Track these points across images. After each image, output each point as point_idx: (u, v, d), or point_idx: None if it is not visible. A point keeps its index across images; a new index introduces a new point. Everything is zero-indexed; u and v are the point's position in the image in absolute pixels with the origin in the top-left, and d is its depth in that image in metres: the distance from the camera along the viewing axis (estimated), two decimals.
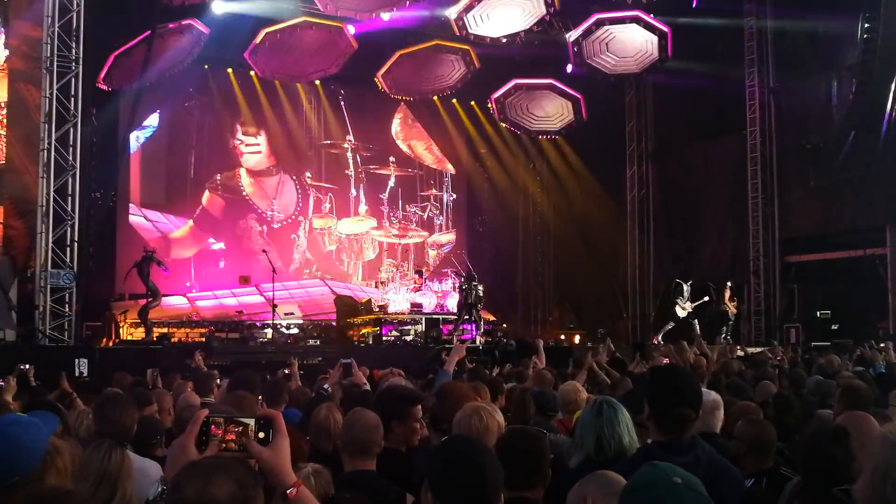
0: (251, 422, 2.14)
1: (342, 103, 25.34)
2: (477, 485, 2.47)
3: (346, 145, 25.67)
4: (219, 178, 23.98)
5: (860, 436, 3.45)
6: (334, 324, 21.31)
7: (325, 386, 7.12)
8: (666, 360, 10.06)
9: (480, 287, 19.12)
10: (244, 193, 24.38)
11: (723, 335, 19.33)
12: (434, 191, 27.20)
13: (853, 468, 3.15)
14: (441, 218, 27.29)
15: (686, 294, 19.97)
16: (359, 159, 25.89)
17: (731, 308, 20.03)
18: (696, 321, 19.75)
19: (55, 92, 15.64)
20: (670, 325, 20.10)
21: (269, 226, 24.48)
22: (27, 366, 8.31)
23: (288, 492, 2.13)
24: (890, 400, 5.99)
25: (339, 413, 4.90)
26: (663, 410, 3.24)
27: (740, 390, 7.18)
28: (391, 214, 26.19)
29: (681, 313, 19.95)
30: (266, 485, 2.04)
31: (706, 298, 19.94)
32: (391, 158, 26.30)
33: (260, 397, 6.14)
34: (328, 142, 25.62)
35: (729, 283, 20.46)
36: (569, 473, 3.79)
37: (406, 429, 4.36)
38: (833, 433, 3.51)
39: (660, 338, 19.66)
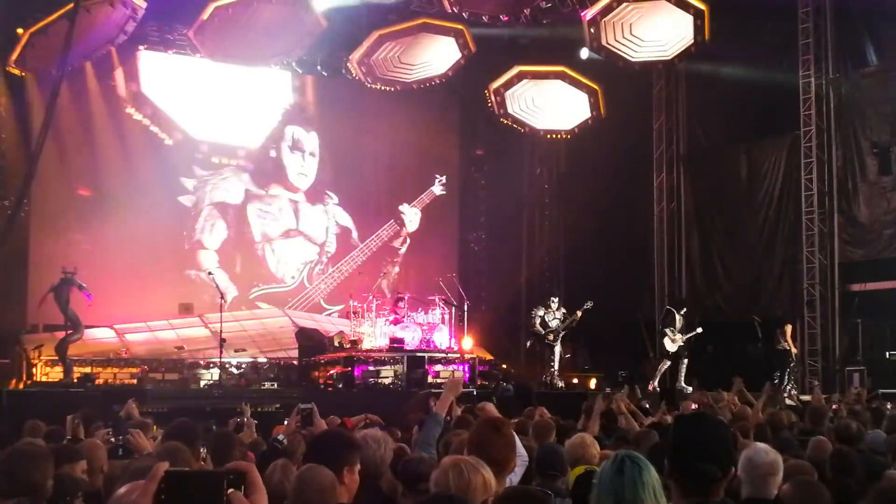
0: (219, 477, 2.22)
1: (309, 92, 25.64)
2: None
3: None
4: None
5: None
6: (295, 363, 21.29)
7: (280, 437, 7.17)
8: (695, 407, 10.16)
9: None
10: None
11: (785, 381, 19.37)
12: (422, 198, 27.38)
13: None
14: None
15: (679, 324, 20.19)
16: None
17: (794, 348, 20.08)
18: (685, 358, 20.23)
19: None
20: (665, 365, 20.28)
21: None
22: None
23: None
24: None
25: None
26: (684, 467, 3.30)
27: (790, 446, 7.28)
28: None
29: (669, 346, 20.26)
30: None
31: (699, 330, 20.15)
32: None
33: (203, 450, 6.19)
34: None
35: (789, 324, 20.50)
36: None
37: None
38: None
39: (656, 383, 19.80)
